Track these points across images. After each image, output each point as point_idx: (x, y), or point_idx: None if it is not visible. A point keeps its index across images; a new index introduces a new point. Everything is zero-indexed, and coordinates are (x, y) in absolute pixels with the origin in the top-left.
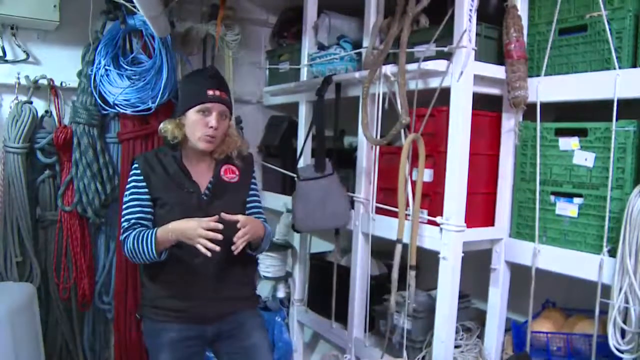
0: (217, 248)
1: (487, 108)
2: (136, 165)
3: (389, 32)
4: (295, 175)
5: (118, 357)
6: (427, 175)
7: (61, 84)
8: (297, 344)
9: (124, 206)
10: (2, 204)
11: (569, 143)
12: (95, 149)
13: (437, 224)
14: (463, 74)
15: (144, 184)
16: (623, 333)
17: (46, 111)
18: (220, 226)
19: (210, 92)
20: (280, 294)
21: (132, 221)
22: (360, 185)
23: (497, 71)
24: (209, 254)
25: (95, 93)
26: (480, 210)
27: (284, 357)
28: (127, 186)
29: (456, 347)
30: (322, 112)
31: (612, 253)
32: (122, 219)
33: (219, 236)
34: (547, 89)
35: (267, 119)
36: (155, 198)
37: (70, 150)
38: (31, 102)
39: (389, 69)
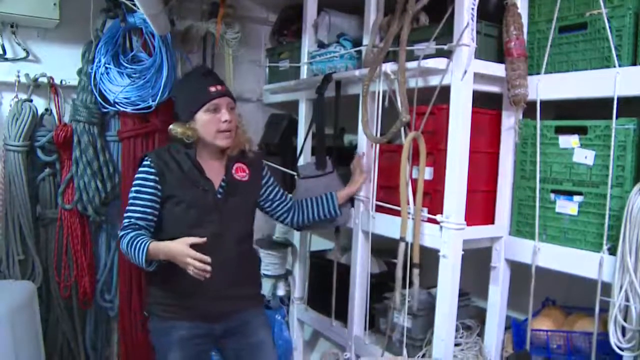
0: (208, 275)
1: (487, 106)
2: (148, 163)
3: (389, 30)
4: (295, 174)
5: (124, 356)
6: (427, 173)
7: (61, 82)
8: (297, 342)
9: (128, 201)
10: (3, 202)
11: (569, 141)
12: (95, 147)
13: (437, 222)
14: (466, 73)
15: (152, 183)
16: (624, 331)
17: (46, 109)
18: (208, 259)
19: (212, 89)
20: (280, 292)
21: (132, 220)
22: None
23: (497, 69)
24: (202, 279)
25: (95, 91)
26: (480, 208)
27: (284, 355)
28: (135, 182)
29: (456, 345)
30: (322, 110)
31: (612, 251)
32: (125, 214)
33: (207, 267)
34: (547, 86)
35: (267, 117)
36: (170, 196)
37: (71, 149)
38: (31, 100)
39: (389, 67)
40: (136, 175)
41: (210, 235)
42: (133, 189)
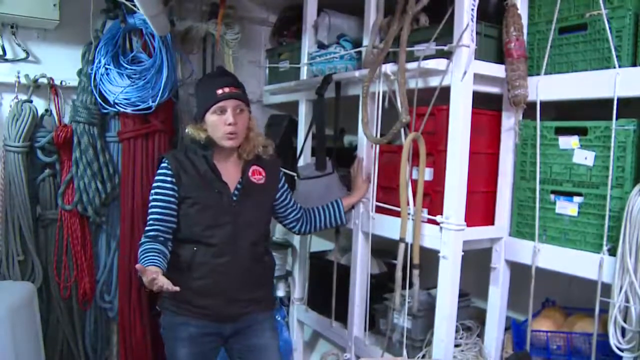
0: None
1: (487, 106)
2: (165, 164)
3: (389, 30)
4: (295, 174)
5: (124, 357)
6: (427, 174)
7: (61, 82)
8: (297, 342)
9: (149, 204)
10: (2, 203)
11: (569, 142)
12: (95, 148)
13: (437, 223)
14: (466, 74)
15: (169, 185)
16: (623, 332)
17: (46, 110)
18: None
19: (219, 91)
20: (280, 292)
21: (153, 223)
22: None
23: (497, 70)
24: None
25: (95, 92)
26: (480, 209)
27: (284, 356)
28: (154, 184)
29: (456, 345)
30: (322, 110)
31: (612, 252)
32: (148, 217)
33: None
34: (547, 87)
35: (266, 117)
36: (185, 197)
37: (71, 149)
38: (31, 101)
39: (389, 68)
40: (155, 177)
41: (224, 237)
42: (152, 191)
